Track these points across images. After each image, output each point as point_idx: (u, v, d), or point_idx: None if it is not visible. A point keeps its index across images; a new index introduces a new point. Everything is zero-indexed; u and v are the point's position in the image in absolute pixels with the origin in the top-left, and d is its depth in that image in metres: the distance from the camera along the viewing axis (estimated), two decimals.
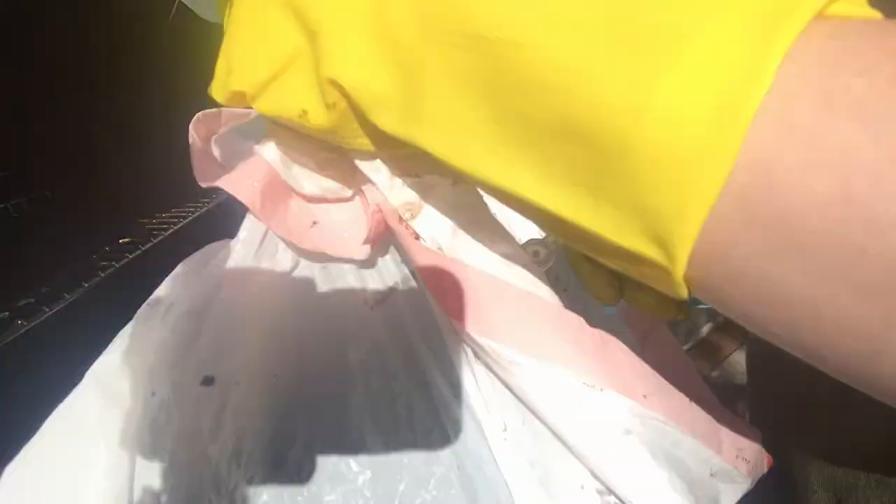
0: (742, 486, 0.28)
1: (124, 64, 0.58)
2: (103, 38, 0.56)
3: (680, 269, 0.16)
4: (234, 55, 0.24)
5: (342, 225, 0.30)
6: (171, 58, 0.58)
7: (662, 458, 0.26)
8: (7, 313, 0.43)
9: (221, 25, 0.25)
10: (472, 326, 0.27)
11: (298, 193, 0.30)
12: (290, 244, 0.31)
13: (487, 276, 0.28)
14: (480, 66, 0.18)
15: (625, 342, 0.28)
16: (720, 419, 0.28)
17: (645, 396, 0.26)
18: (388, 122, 0.21)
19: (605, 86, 0.16)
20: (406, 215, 0.29)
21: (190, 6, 0.39)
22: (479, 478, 0.29)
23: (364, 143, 0.24)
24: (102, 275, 0.50)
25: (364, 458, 0.29)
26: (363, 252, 0.30)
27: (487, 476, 0.29)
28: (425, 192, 0.29)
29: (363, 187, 0.30)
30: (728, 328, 1.44)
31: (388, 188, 0.29)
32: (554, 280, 0.30)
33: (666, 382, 0.27)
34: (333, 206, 0.31)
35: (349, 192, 0.30)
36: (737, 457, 0.28)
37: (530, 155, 0.18)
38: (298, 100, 0.23)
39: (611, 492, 0.26)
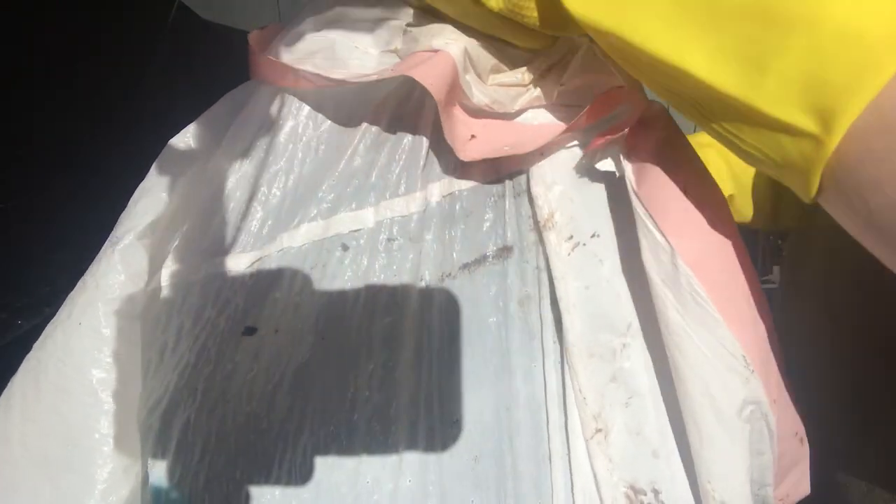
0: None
1: (125, 63, 0.58)
2: (104, 38, 0.56)
3: (834, 140, 0.18)
4: None
5: (502, 141, 0.31)
6: (172, 57, 0.58)
7: (754, 448, 0.28)
8: (7, 313, 0.43)
9: (221, 25, 0.26)
10: (677, 240, 0.27)
11: (462, 103, 0.30)
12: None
13: (717, 216, 0.28)
14: None
15: None
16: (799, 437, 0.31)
17: (774, 401, 0.28)
18: (574, 3, 0.23)
19: None
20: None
21: (190, 6, 0.39)
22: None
23: (531, 18, 0.26)
24: None
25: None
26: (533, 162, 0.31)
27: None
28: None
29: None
30: None
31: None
32: None
33: (787, 397, 0.29)
34: (492, 121, 0.31)
35: (514, 108, 0.31)
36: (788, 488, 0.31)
37: (705, 34, 0.20)
38: None
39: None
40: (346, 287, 0.31)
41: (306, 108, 0.31)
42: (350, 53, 0.30)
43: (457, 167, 0.32)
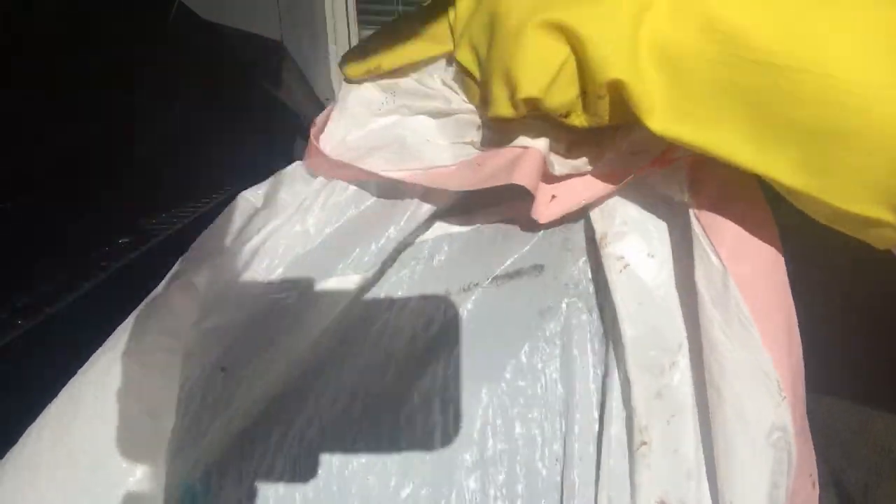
0: None
1: (124, 63, 0.58)
2: (104, 37, 0.56)
3: None
4: (515, 74, 0.29)
5: (579, 197, 0.34)
6: (172, 57, 0.58)
7: (773, 479, 0.29)
8: (7, 313, 0.43)
9: (221, 25, 0.26)
10: (731, 263, 0.29)
11: (546, 176, 0.33)
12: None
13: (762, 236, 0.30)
14: (756, 82, 0.22)
15: None
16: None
17: (797, 434, 0.29)
18: (655, 122, 0.26)
19: (876, 102, 0.21)
20: None
21: (190, 6, 0.39)
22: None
23: (605, 121, 0.29)
24: (102, 275, 0.50)
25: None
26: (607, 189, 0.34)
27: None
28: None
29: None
30: None
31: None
32: None
33: (808, 433, 0.30)
34: (569, 181, 0.34)
35: (590, 167, 0.34)
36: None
37: (786, 149, 0.23)
38: (570, 96, 0.29)
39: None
40: (369, 295, 0.33)
41: (352, 188, 0.34)
42: (422, 146, 0.33)
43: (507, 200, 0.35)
